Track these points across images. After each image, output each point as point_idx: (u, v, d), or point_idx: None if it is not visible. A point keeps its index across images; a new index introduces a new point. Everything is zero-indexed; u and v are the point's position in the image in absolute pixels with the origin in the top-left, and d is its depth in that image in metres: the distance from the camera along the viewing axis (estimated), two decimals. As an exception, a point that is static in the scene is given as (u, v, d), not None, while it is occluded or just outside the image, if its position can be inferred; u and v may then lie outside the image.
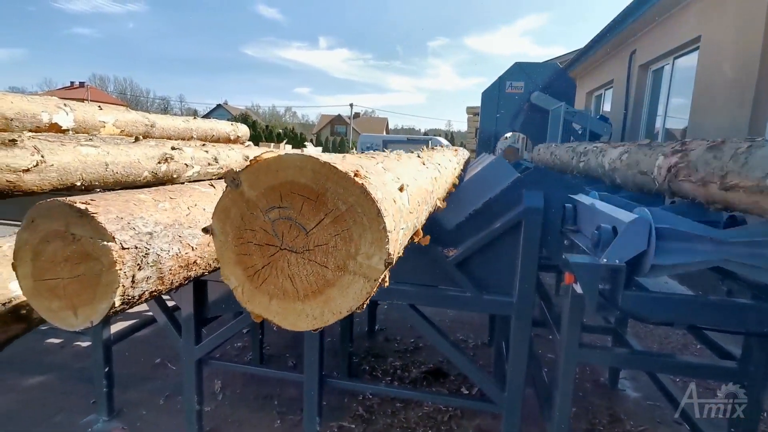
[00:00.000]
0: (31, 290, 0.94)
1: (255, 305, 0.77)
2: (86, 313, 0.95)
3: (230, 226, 0.74)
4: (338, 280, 0.74)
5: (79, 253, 0.90)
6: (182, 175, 3.16)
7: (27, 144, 2.08)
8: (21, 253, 0.93)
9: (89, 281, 0.92)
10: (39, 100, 3.11)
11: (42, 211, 0.90)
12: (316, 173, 0.69)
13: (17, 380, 3.19)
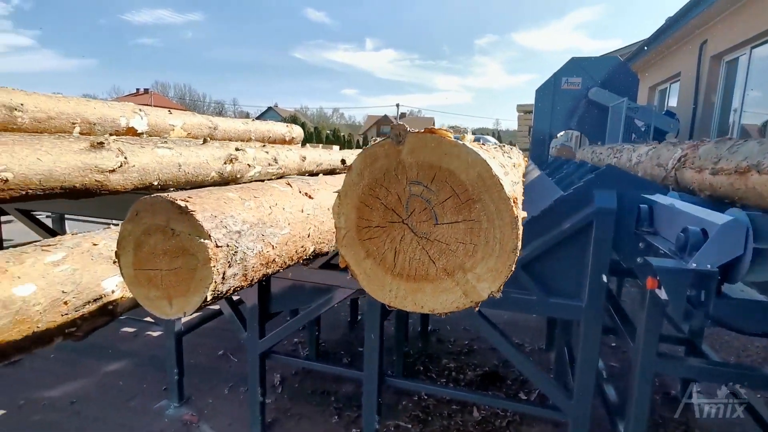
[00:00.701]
0: (131, 278, 1.01)
1: (349, 253, 0.77)
2: (180, 304, 1.00)
3: (369, 173, 0.73)
4: (438, 280, 0.73)
5: (177, 247, 0.96)
6: (245, 175, 3.30)
7: (112, 146, 2.24)
8: (124, 243, 0.99)
9: (185, 275, 0.97)
10: (118, 105, 3.35)
11: (146, 206, 0.96)
12: (481, 179, 0.67)
13: (96, 365, 3.45)
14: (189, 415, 2.80)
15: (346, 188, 0.75)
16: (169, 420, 2.77)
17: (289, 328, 2.48)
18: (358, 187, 0.74)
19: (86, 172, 2.03)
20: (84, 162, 2.02)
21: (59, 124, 2.76)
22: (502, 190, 0.66)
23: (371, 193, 0.73)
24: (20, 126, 2.56)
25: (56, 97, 2.98)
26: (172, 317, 1.01)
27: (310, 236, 1.37)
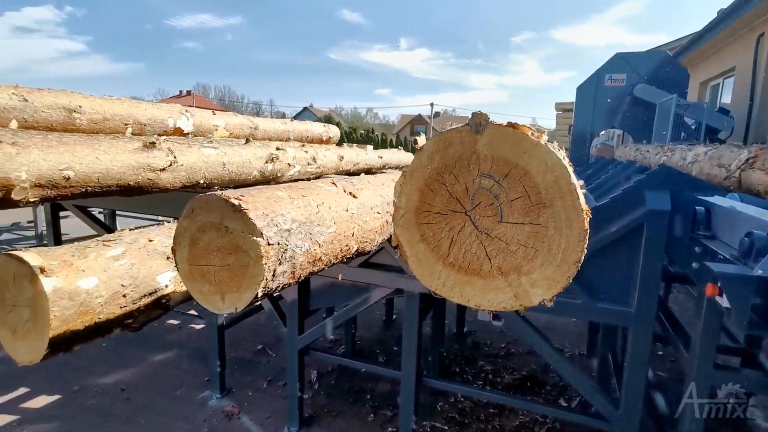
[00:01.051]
0: (186, 273, 1.05)
1: (404, 234, 0.76)
2: (232, 299, 1.03)
3: (440, 158, 0.71)
4: (490, 278, 0.72)
5: (231, 244, 0.98)
6: (285, 174, 3.36)
7: (162, 146, 2.34)
8: (180, 239, 1.03)
9: (237, 271, 1.00)
10: (166, 107, 3.49)
11: (201, 203, 0.99)
12: (557, 185, 0.65)
13: (143, 355, 3.61)
14: (230, 406, 2.89)
15: (413, 169, 0.74)
16: (212, 410, 2.87)
17: (329, 325, 2.51)
18: (426, 170, 0.72)
19: (139, 170, 2.13)
20: (137, 161, 2.12)
21: (113, 125, 2.90)
22: (577, 200, 0.64)
23: (438, 178, 0.72)
24: (78, 127, 2.71)
25: (110, 99, 3.14)
26: (224, 312, 1.04)
27: (354, 235, 1.38)
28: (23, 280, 1.00)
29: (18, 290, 1.01)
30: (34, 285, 0.99)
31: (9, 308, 1.04)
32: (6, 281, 1.02)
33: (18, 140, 1.77)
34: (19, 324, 1.03)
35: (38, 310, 1.00)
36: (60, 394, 3.05)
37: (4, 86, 2.37)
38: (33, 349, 1.04)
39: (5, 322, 1.06)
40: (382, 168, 5.32)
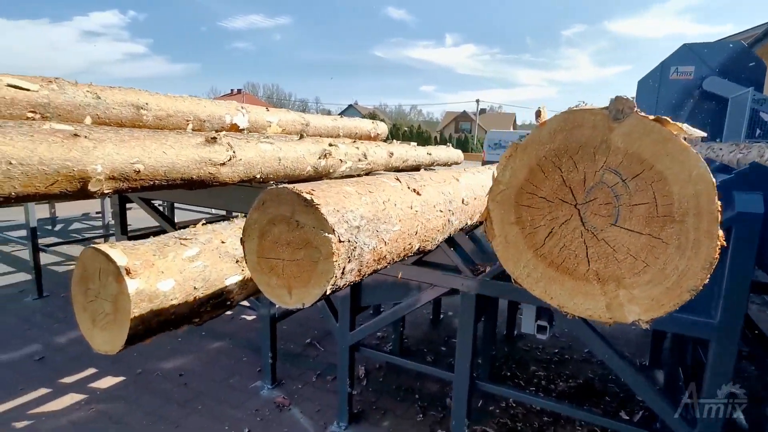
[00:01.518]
0: (254, 265, 1.05)
1: (498, 211, 0.69)
2: (300, 294, 1.02)
3: (563, 138, 0.63)
4: (584, 281, 0.65)
5: (301, 239, 0.97)
6: (337, 170, 3.38)
7: (223, 141, 2.40)
8: (249, 231, 1.03)
9: (307, 267, 0.98)
10: (223, 104, 3.59)
11: (272, 196, 0.98)
12: (695, 200, 0.56)
13: (199, 342, 3.75)
14: (281, 398, 2.94)
15: (528, 143, 0.66)
16: (263, 400, 2.93)
17: (381, 323, 2.49)
18: (543, 148, 0.65)
19: (201, 165, 2.19)
20: (200, 155, 2.18)
21: (176, 122, 3.02)
22: (714, 224, 0.55)
23: (554, 160, 0.64)
24: (145, 123, 2.84)
25: (174, 96, 3.26)
26: (291, 307, 1.03)
27: (417, 233, 1.34)
28: (109, 276, 1.03)
29: (102, 284, 1.05)
30: (119, 284, 1.01)
31: (91, 297, 1.08)
32: (92, 273, 1.06)
33: (94, 135, 1.86)
34: (99, 315, 1.07)
35: (120, 308, 1.03)
36: (124, 376, 3.22)
37: (80, 84, 2.51)
38: (110, 342, 1.08)
39: (86, 308, 1.11)
40: (431, 165, 5.26)
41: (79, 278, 1.08)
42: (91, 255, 1.04)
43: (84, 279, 1.07)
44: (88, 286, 1.07)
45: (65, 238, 6.66)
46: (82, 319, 1.15)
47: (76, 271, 1.07)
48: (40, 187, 1.64)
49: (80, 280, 1.08)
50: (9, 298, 4.58)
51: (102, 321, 1.08)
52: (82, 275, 1.07)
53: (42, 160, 1.61)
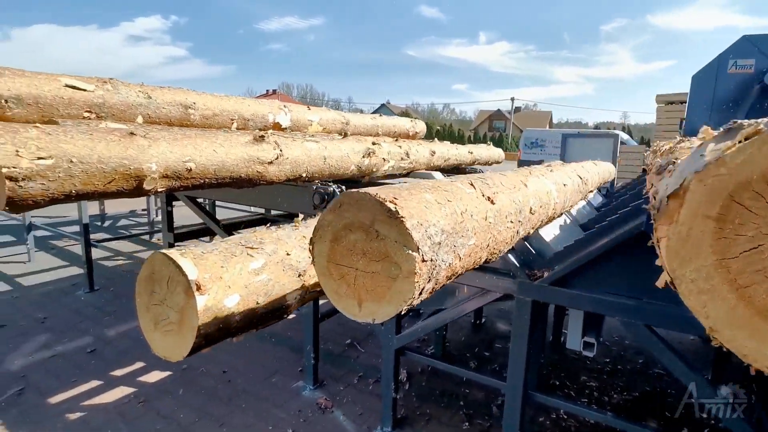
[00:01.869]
0: (323, 269, 0.98)
1: (695, 200, 0.47)
2: (371, 309, 0.95)
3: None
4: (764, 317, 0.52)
5: (379, 251, 0.89)
6: (380, 170, 3.32)
7: (270, 140, 2.38)
8: (321, 233, 0.96)
9: (382, 281, 0.91)
10: (266, 102, 3.59)
11: (351, 200, 0.91)
12: None
13: (241, 341, 3.79)
14: (323, 399, 2.91)
15: (723, 164, 0.49)
16: (305, 401, 2.91)
17: (428, 327, 2.41)
18: (747, 168, 0.48)
19: (250, 163, 2.18)
20: (249, 154, 2.17)
21: (221, 121, 3.04)
22: None
23: (741, 208, 0.49)
24: (192, 122, 2.87)
25: (219, 96, 3.29)
26: (359, 320, 0.95)
27: (488, 246, 1.23)
28: (178, 287, 0.99)
29: (170, 292, 1.01)
30: (187, 298, 0.97)
31: (156, 301, 1.04)
32: (160, 278, 1.02)
33: (149, 133, 1.86)
34: (163, 320, 1.04)
35: (186, 321, 0.98)
36: (170, 371, 3.28)
37: (132, 84, 2.55)
38: (172, 350, 1.05)
39: (149, 309, 1.08)
40: (472, 163, 5.12)
41: (145, 278, 1.05)
42: (162, 261, 1.00)
43: (151, 281, 1.04)
44: (154, 289, 1.03)
45: (113, 234, 6.95)
46: (144, 318, 1.12)
47: (143, 271, 1.04)
48: (99, 185, 1.65)
49: (147, 281, 1.05)
50: (63, 291, 4.79)
51: (165, 327, 1.05)
52: (149, 276, 1.04)
53: (101, 159, 1.62)
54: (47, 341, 3.68)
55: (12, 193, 1.40)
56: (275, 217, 5.02)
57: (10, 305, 4.33)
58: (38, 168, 1.45)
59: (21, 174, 1.41)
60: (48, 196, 1.51)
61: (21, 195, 1.43)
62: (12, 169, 1.39)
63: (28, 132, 1.49)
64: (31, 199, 1.46)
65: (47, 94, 2.07)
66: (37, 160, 1.45)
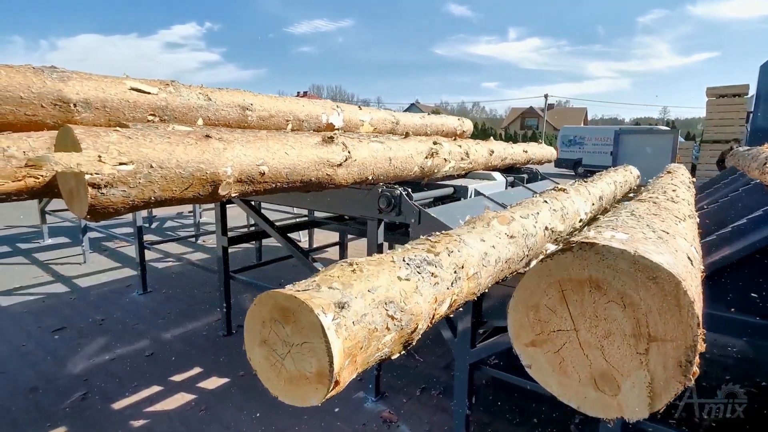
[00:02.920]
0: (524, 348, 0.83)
1: None
2: (616, 406, 0.77)
3: None
4: None
5: (634, 328, 0.72)
6: (441, 170, 3.15)
7: (338, 141, 2.26)
8: (532, 295, 0.78)
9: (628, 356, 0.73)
10: (320, 103, 3.49)
11: (585, 250, 0.73)
12: None
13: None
14: (388, 412, 2.78)
15: None
16: (369, 414, 2.78)
17: (504, 341, 2.23)
18: None
19: (320, 166, 2.07)
20: (319, 156, 2.06)
21: (276, 122, 2.95)
22: None
23: None
24: (249, 124, 2.78)
25: (275, 97, 3.20)
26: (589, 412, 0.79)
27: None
28: (313, 360, 0.84)
29: (302, 354, 0.86)
30: (318, 378, 0.83)
31: (279, 355, 0.91)
32: (294, 332, 0.87)
33: (223, 136, 1.76)
34: (284, 371, 0.92)
35: (318, 387, 0.85)
36: (227, 377, 3.23)
37: (192, 86, 2.48)
38: (297, 399, 0.93)
39: (267, 356, 0.95)
40: (526, 162, 4.89)
41: (269, 318, 0.92)
42: (307, 314, 0.84)
43: (278, 322, 0.90)
44: (281, 337, 0.89)
45: (162, 236, 7.08)
46: (257, 357, 1.01)
47: (268, 309, 0.90)
48: (176, 191, 1.56)
49: (270, 322, 0.91)
50: (118, 292, 4.87)
51: (288, 376, 0.93)
52: (278, 317, 0.90)
53: (179, 163, 1.53)
54: (106, 343, 3.71)
55: (94, 201, 1.32)
56: (323, 219, 4.94)
57: (69, 306, 4.43)
58: (120, 174, 1.37)
59: (103, 181, 1.33)
60: (128, 203, 1.43)
61: (102, 202, 1.35)
62: (95, 176, 1.31)
63: (108, 136, 1.41)
64: (111, 207, 1.39)
65: (113, 97, 2.02)
66: (118, 165, 1.37)
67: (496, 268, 1.67)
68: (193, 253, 6.38)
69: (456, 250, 1.44)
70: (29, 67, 1.86)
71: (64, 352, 3.54)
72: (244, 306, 4.48)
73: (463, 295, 1.43)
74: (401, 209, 2.58)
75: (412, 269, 1.21)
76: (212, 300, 4.69)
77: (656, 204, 1.41)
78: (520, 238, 1.96)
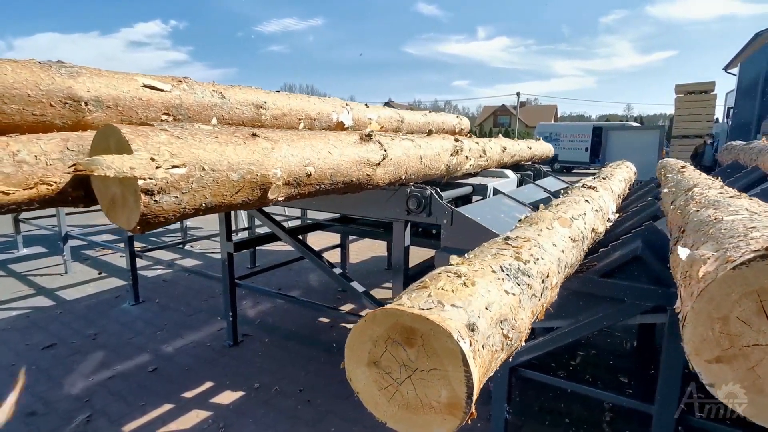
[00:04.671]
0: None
1: None
2: None
3: None
4: None
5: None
6: (462, 168, 3.09)
7: (375, 139, 2.16)
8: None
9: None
10: (329, 101, 3.36)
11: None
12: None
13: (308, 354, 3.57)
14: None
15: None
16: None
17: (550, 343, 2.18)
18: None
19: (361, 165, 1.96)
20: (359, 155, 1.95)
21: (288, 121, 2.81)
22: None
23: None
24: (263, 123, 2.63)
25: (287, 94, 3.06)
26: None
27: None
28: (456, 371, 0.75)
29: (433, 362, 0.77)
30: (452, 418, 0.74)
31: (396, 380, 0.81)
32: (414, 339, 0.78)
33: (269, 135, 1.63)
34: (399, 396, 0.82)
35: (452, 409, 0.76)
36: (242, 390, 3.07)
37: (205, 83, 2.33)
38: (410, 426, 0.83)
39: (377, 363, 0.86)
40: (530, 159, 4.89)
41: (385, 338, 0.82)
42: (443, 339, 0.75)
43: (397, 343, 0.80)
44: (399, 360, 0.80)
45: (146, 242, 6.75)
46: (361, 379, 0.91)
47: (385, 328, 0.81)
48: (227, 196, 1.42)
49: (386, 342, 0.81)
50: (107, 304, 4.59)
51: (405, 403, 0.83)
52: (398, 338, 0.80)
53: (230, 165, 1.39)
54: (104, 360, 3.48)
55: (146, 209, 1.17)
56: (325, 221, 4.80)
57: (56, 321, 4.14)
58: (173, 178, 1.23)
59: (157, 186, 1.19)
60: (179, 211, 1.29)
61: (154, 211, 1.20)
62: (148, 181, 1.17)
63: (158, 136, 1.26)
64: (162, 216, 1.24)
65: (126, 95, 1.85)
66: (171, 169, 1.23)
67: (564, 275, 1.61)
68: (182, 260, 6.11)
69: (540, 257, 1.36)
70: (35, 62, 1.68)
71: (59, 371, 3.29)
72: (245, 314, 4.30)
73: (546, 306, 1.35)
74: (431, 210, 2.48)
75: (512, 280, 1.13)
76: (210, 308, 4.49)
77: None
78: (580, 242, 1.89)
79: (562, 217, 1.84)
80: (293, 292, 4.97)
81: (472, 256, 1.31)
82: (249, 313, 4.38)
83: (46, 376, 3.23)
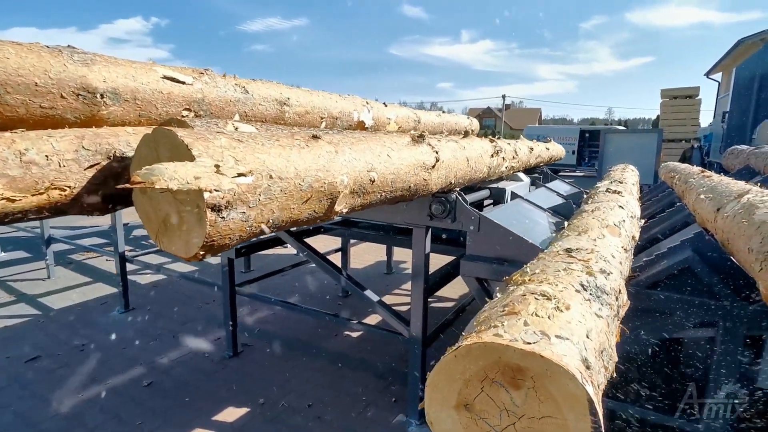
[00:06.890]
0: None
1: None
2: None
3: None
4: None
5: None
6: (499, 170, 2.90)
7: (426, 140, 1.94)
8: None
9: None
10: (350, 99, 3.15)
11: None
12: None
13: (313, 365, 3.34)
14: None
15: None
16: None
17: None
18: None
19: (417, 169, 1.74)
20: (415, 158, 1.73)
21: (311, 119, 2.59)
22: None
23: None
24: (287, 121, 2.41)
25: (309, 91, 2.83)
26: None
27: None
28: (580, 421, 0.59)
29: (546, 409, 0.61)
30: None
31: (491, 414, 0.64)
32: (521, 380, 0.61)
33: (330, 137, 1.41)
34: None
35: None
36: (246, 406, 2.83)
37: (227, 76, 2.09)
38: None
39: (468, 406, 0.67)
40: (549, 160, 4.76)
41: (481, 377, 0.71)
42: (564, 381, 0.62)
43: (498, 384, 0.66)
44: (500, 404, 0.74)
45: (133, 245, 6.36)
46: (447, 423, 0.82)
47: (481, 366, 0.68)
48: (294, 209, 1.18)
49: (483, 382, 0.69)
50: (95, 311, 4.26)
51: None
52: (500, 378, 0.66)
53: (298, 172, 1.15)
54: (94, 374, 3.17)
55: (213, 229, 0.95)
56: (329, 224, 4.56)
57: (40, 331, 3.79)
58: (239, 189, 1.00)
59: (224, 199, 0.95)
60: (246, 230, 1.06)
61: (221, 231, 0.97)
62: (214, 194, 0.93)
63: (218, 139, 1.03)
64: (229, 237, 1.01)
65: (145, 87, 1.60)
66: (237, 177, 1.00)
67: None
68: (171, 263, 5.76)
69: (609, 270, 1.21)
70: (43, 47, 1.42)
71: (44, 388, 2.97)
72: (243, 322, 4.01)
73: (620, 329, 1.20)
74: (456, 215, 2.28)
75: (596, 300, 1.00)
76: (206, 316, 4.20)
77: None
78: (630, 252, 1.76)
79: (610, 225, 1.69)
80: (291, 298, 4.71)
81: (538, 272, 1.15)
82: (247, 321, 4.11)
83: (29, 393, 2.91)
